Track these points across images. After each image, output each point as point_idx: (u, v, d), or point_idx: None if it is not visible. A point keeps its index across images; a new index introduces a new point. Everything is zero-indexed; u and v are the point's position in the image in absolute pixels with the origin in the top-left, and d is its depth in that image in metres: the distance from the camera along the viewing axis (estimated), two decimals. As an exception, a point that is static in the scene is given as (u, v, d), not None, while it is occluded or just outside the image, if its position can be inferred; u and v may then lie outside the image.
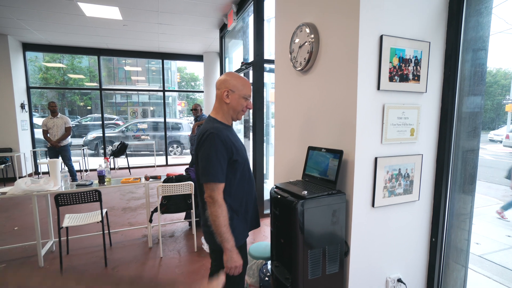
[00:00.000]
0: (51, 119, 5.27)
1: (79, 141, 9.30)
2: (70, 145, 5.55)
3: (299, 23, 1.66)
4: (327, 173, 1.38)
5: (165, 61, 7.63)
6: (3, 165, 5.84)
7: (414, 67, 1.34)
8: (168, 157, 8.03)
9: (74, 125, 10.34)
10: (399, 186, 1.37)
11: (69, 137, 5.40)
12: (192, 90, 12.76)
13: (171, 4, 4.27)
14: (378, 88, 1.28)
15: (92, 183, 2.94)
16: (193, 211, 3.06)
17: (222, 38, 5.59)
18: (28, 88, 6.56)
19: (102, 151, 7.63)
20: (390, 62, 1.28)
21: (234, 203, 1.37)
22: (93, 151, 9.08)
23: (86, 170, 6.83)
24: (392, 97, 1.33)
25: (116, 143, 7.06)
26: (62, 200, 2.57)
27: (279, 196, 1.38)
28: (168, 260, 2.78)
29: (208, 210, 1.28)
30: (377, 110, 1.30)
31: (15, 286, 2.36)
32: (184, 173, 3.27)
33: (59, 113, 5.35)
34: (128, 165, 7.03)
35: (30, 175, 6.49)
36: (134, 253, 2.93)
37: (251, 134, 3.86)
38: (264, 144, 3.86)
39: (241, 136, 5.13)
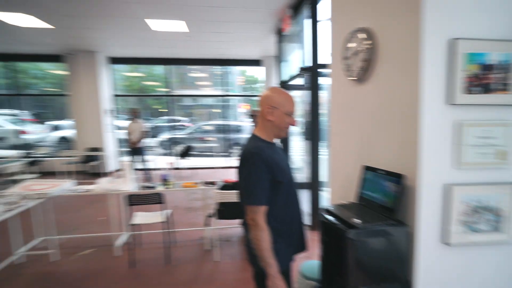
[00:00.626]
0: (132, 123, 6.01)
1: (155, 141, 10.35)
2: (146, 146, 6.26)
3: (354, 28, 1.50)
4: (385, 199, 1.21)
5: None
6: (96, 162, 6.87)
7: (502, 74, 1.07)
8: (230, 158, 8.35)
9: (150, 127, 11.55)
10: (482, 221, 1.12)
11: (145, 139, 6.08)
12: (251, 94, 13.07)
13: (229, 13, 4.41)
14: (450, 102, 1.06)
15: (156, 186, 3.22)
16: (246, 217, 3.10)
17: (278, 42, 5.55)
18: (113, 96, 7.59)
19: (171, 151, 8.37)
20: (466, 70, 1.05)
21: (278, 225, 1.31)
22: (165, 151, 10.02)
23: (157, 169, 7.58)
24: (468, 112, 1.09)
25: (183, 145, 7.65)
26: (132, 200, 2.88)
27: (329, 222, 1.27)
28: (223, 265, 2.86)
29: (251, 233, 1.24)
30: (448, 127, 1.08)
31: (93, 270, 2.74)
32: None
33: (138, 118, 6.06)
34: (192, 166, 7.54)
35: (113, 172, 7.50)
36: (193, 254, 3.11)
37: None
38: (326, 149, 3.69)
39: (299, 139, 5.01)
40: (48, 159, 6.80)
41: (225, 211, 3.08)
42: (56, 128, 10.04)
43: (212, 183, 3.31)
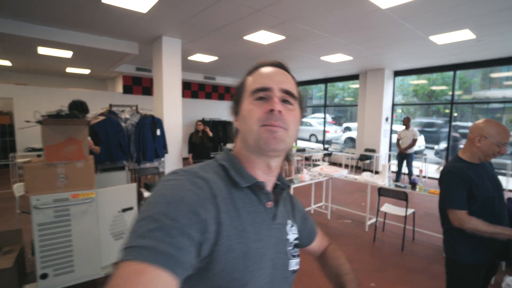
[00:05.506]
0: (404, 131, 6.69)
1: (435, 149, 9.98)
2: (415, 153, 6.71)
3: None
4: None
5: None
6: (368, 160, 8.32)
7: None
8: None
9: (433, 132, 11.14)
10: None
11: (414, 147, 6.51)
12: None
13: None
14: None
15: (405, 187, 3.84)
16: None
17: None
18: (393, 105, 8.55)
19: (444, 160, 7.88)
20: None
21: None
22: (440, 160, 9.46)
23: (424, 177, 7.56)
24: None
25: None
26: (382, 192, 3.77)
27: None
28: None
29: (466, 229, 1.59)
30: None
31: (349, 233, 3.99)
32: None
33: (411, 127, 6.61)
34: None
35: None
36: (427, 253, 3.44)
37: None
38: None
39: None
40: (337, 153, 9.21)
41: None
42: (347, 129, 12.85)
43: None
